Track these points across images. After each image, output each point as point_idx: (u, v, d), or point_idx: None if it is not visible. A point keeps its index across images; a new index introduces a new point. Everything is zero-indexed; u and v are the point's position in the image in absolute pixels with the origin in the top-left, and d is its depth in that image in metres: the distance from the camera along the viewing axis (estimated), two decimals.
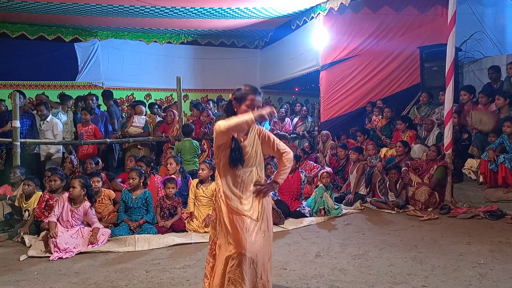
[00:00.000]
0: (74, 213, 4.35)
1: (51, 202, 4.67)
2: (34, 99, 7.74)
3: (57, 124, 6.48)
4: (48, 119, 6.47)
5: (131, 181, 4.87)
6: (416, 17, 8.45)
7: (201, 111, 7.67)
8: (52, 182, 4.85)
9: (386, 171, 6.13)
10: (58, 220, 4.28)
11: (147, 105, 8.55)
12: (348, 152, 6.82)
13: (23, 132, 6.09)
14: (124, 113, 8.25)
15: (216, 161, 2.72)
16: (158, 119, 7.82)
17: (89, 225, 4.46)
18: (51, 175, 4.98)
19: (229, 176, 2.64)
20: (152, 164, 5.58)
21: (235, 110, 2.66)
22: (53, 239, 4.05)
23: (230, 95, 2.73)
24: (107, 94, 7.82)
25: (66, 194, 4.43)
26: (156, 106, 8.46)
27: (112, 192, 5.28)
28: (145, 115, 7.44)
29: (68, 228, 4.29)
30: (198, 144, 6.55)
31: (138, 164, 5.60)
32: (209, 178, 5.04)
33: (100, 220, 4.72)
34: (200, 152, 6.67)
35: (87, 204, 4.44)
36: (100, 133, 6.67)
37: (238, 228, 2.56)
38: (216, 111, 8.22)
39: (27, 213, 4.92)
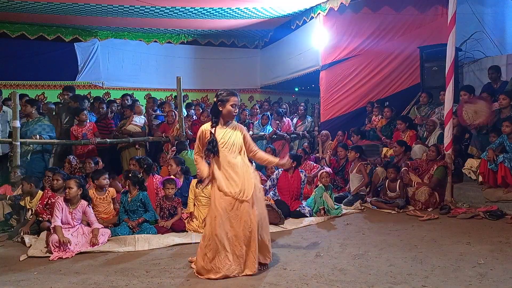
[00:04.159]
0: (73, 214, 4.35)
1: (53, 201, 4.67)
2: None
3: None
4: None
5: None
6: (416, 17, 8.46)
7: (201, 111, 7.68)
8: (54, 182, 4.86)
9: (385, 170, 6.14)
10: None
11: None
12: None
13: None
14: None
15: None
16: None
17: (88, 224, 4.46)
18: (53, 175, 4.98)
19: (219, 161, 3.41)
20: (145, 166, 5.54)
21: (221, 109, 3.43)
22: (56, 242, 4.04)
23: (214, 98, 3.48)
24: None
25: (61, 198, 4.40)
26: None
27: (114, 190, 5.27)
28: (144, 116, 7.43)
29: (68, 228, 4.29)
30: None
31: (132, 164, 5.62)
32: None
33: (98, 220, 4.69)
34: None
35: (84, 203, 4.44)
36: (97, 129, 6.69)
37: (219, 209, 3.31)
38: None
39: (30, 212, 4.93)
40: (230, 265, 3.30)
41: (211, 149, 3.38)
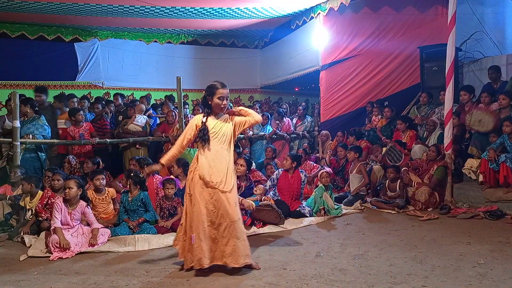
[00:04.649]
0: (72, 214, 4.34)
1: (53, 201, 4.66)
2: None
3: None
4: None
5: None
6: (416, 17, 8.46)
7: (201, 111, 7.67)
8: (55, 182, 4.86)
9: (385, 170, 6.16)
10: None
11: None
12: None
13: None
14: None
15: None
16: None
17: (88, 224, 4.45)
18: (54, 175, 4.98)
19: (206, 150, 3.45)
20: (145, 166, 5.51)
21: (210, 103, 3.50)
22: (56, 243, 4.04)
23: (204, 91, 3.55)
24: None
25: (59, 199, 4.38)
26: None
27: (114, 190, 5.27)
28: (145, 114, 7.42)
29: (68, 229, 4.28)
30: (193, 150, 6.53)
31: (132, 164, 5.60)
32: None
33: (98, 220, 4.68)
34: None
35: (83, 203, 4.43)
36: (93, 129, 6.69)
37: (197, 196, 3.39)
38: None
39: (29, 212, 4.93)
40: (204, 254, 3.34)
41: (202, 136, 3.44)
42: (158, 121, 7.93)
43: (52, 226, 4.21)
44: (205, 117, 3.52)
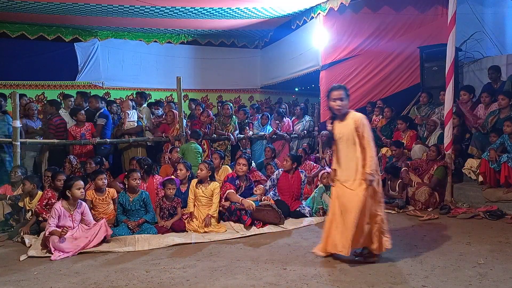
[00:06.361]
0: (73, 216, 4.32)
1: (53, 201, 4.65)
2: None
3: None
4: None
5: (133, 182, 4.85)
6: (416, 17, 8.45)
7: (201, 111, 7.70)
8: (58, 182, 4.84)
9: (385, 171, 6.16)
10: (57, 227, 4.22)
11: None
12: None
13: None
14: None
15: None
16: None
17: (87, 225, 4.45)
18: (57, 175, 4.97)
19: (338, 153, 3.77)
20: (146, 166, 5.52)
21: (329, 106, 3.74)
22: (57, 242, 4.04)
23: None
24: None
25: (59, 203, 4.33)
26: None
27: (114, 191, 5.25)
28: (135, 109, 7.40)
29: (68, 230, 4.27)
30: (201, 149, 6.55)
31: (132, 164, 5.60)
32: (208, 178, 5.04)
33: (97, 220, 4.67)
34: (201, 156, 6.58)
35: (82, 203, 4.43)
36: (95, 129, 6.68)
37: (333, 194, 3.80)
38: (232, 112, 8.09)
39: (30, 212, 4.92)
40: (334, 242, 3.62)
41: (327, 143, 3.78)
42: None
43: (46, 232, 4.14)
44: (332, 123, 3.77)
